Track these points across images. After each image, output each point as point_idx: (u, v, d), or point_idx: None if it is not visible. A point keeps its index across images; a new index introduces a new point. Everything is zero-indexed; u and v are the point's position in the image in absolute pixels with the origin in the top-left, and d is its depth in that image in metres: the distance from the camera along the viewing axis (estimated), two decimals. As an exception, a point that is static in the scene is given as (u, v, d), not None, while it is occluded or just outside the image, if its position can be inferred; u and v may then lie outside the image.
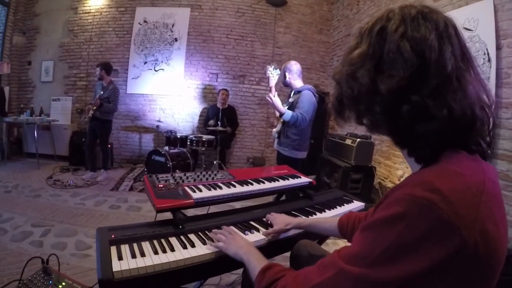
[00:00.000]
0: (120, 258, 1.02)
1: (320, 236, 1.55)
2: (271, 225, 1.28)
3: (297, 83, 2.78)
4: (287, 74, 2.76)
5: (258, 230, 1.28)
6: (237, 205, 2.28)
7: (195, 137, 4.53)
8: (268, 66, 2.68)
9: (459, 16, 2.64)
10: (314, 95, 2.68)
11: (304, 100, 2.62)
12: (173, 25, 5.36)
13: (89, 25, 5.71)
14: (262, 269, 0.83)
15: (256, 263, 0.90)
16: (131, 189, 4.22)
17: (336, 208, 1.62)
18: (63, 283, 1.12)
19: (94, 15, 5.70)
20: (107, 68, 4.40)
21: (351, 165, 3.46)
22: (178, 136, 4.70)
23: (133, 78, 5.47)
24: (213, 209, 1.63)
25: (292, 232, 1.27)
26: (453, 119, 0.54)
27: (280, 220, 1.26)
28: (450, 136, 0.56)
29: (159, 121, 5.09)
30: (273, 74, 2.64)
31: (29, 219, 3.18)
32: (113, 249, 1.07)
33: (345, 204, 1.67)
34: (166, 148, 4.49)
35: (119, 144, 5.64)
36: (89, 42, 5.68)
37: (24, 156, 5.84)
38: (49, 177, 4.62)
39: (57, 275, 1.17)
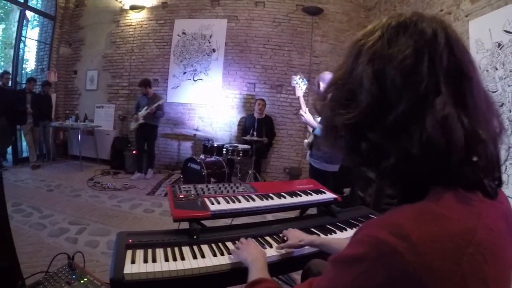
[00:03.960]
0: (133, 261, 1.09)
1: None
2: (287, 240, 1.27)
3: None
4: (321, 84, 2.67)
5: (271, 246, 1.27)
6: (269, 217, 2.29)
7: (230, 146, 4.57)
8: (293, 76, 2.62)
9: (499, 18, 2.48)
10: None
11: None
12: (210, 36, 5.49)
13: (130, 37, 5.99)
14: (253, 281, 0.85)
15: (255, 273, 0.91)
16: (166, 194, 4.28)
17: (358, 227, 1.54)
18: (85, 279, 1.17)
19: (135, 28, 5.97)
20: (145, 84, 4.89)
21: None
22: (215, 145, 4.77)
23: (172, 88, 5.65)
24: (243, 220, 1.65)
25: (307, 250, 1.25)
26: (413, 158, 0.44)
27: (294, 235, 1.24)
28: (427, 174, 0.46)
29: (197, 129, 5.19)
30: (300, 84, 2.58)
31: (67, 217, 3.33)
32: (129, 253, 1.14)
33: None
34: (202, 156, 4.56)
35: (158, 150, 5.78)
36: (131, 53, 5.95)
37: (69, 158, 6.20)
38: (90, 179, 4.84)
39: (81, 271, 1.22)
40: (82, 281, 1.16)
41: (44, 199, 3.90)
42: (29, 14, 6.47)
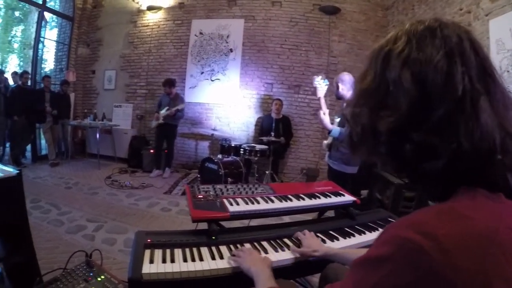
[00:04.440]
0: (151, 261, 1.09)
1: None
2: (300, 243, 1.26)
3: (350, 95, 2.67)
4: (340, 85, 2.64)
5: (289, 248, 1.26)
6: (286, 218, 2.27)
7: (248, 146, 4.55)
8: (315, 76, 2.57)
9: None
10: None
11: None
12: (228, 36, 5.49)
13: (148, 38, 6.04)
14: None
15: (263, 282, 0.92)
16: (184, 193, 4.26)
17: (377, 230, 1.51)
18: (102, 276, 1.17)
19: (153, 28, 6.02)
20: (169, 83, 4.92)
21: (405, 182, 3.14)
22: (232, 145, 4.77)
23: (190, 88, 5.67)
24: (260, 221, 1.63)
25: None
26: (464, 155, 0.45)
27: (308, 243, 1.23)
28: (463, 173, 0.47)
29: (214, 129, 5.20)
30: (321, 85, 2.52)
31: (85, 214, 3.36)
32: (147, 252, 1.15)
33: None
34: (220, 156, 4.55)
35: (176, 149, 5.78)
36: (148, 53, 6.00)
37: (87, 156, 6.28)
38: (108, 177, 4.89)
39: (98, 269, 1.22)
40: (99, 279, 1.16)
41: (62, 196, 3.95)
42: (47, 15, 6.59)
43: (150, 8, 5.97)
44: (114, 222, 3.21)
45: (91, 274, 1.19)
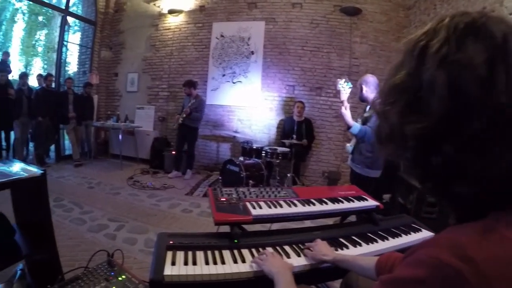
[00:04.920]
0: (173, 263, 1.10)
1: None
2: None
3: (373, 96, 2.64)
4: (364, 87, 2.63)
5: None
6: (308, 222, 2.21)
7: (270, 148, 4.54)
8: (338, 80, 2.56)
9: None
10: None
11: None
12: (249, 39, 5.51)
13: (169, 41, 6.12)
14: None
15: (283, 286, 0.93)
16: (205, 195, 4.30)
17: (400, 236, 1.47)
18: (123, 276, 1.17)
19: (174, 31, 6.09)
20: (190, 84, 4.98)
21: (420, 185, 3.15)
22: (254, 147, 4.76)
23: (212, 90, 5.71)
24: (281, 225, 1.64)
25: None
26: (500, 177, 0.41)
27: (318, 249, 1.21)
28: (498, 195, 0.43)
29: (236, 131, 5.23)
30: (345, 88, 2.51)
31: (107, 214, 3.40)
32: (169, 254, 1.15)
33: (411, 233, 1.51)
34: (241, 158, 4.54)
35: (197, 151, 5.82)
36: (170, 56, 6.08)
37: (109, 157, 6.41)
38: (130, 177, 4.95)
39: (120, 268, 1.22)
40: (120, 278, 1.16)
41: (84, 195, 4.02)
42: (70, 19, 6.77)
43: (171, 12, 6.05)
44: (135, 222, 3.23)
45: (112, 273, 1.20)
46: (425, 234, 1.52)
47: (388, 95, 0.51)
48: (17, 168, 1.60)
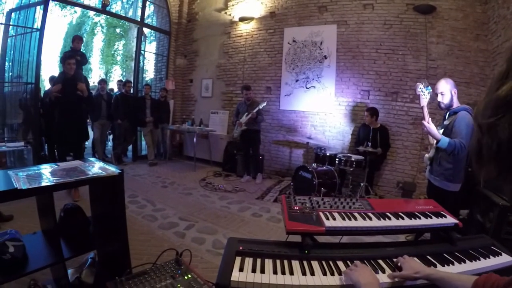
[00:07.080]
0: (241, 269, 1.09)
1: None
2: (400, 268, 1.15)
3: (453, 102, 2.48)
4: (453, 91, 2.48)
5: (384, 271, 1.17)
6: (379, 237, 2.12)
7: (343, 156, 4.43)
8: (418, 83, 2.43)
9: None
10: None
11: (461, 123, 2.29)
12: (321, 43, 5.48)
13: (242, 47, 6.36)
14: None
15: None
16: (276, 200, 4.33)
17: (479, 260, 1.32)
18: (189, 275, 1.17)
19: (246, 38, 6.31)
20: (248, 88, 5.14)
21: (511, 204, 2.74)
22: (327, 154, 4.68)
23: (285, 95, 5.80)
24: (353, 238, 1.56)
25: (420, 281, 1.10)
26: None
27: (409, 265, 1.12)
28: None
29: (309, 137, 5.20)
30: (424, 93, 2.38)
31: (178, 213, 3.53)
32: (238, 260, 1.15)
33: (490, 257, 1.36)
34: (314, 165, 4.50)
35: (270, 156, 5.97)
36: (243, 63, 6.32)
37: (183, 158, 6.85)
38: (202, 179, 5.20)
39: (186, 268, 1.23)
40: (186, 277, 1.17)
41: (158, 193, 4.25)
42: (145, 30, 7.36)
43: (242, 19, 6.28)
44: (205, 223, 3.31)
45: (179, 272, 1.21)
46: (505, 258, 1.38)
47: (495, 109, 0.44)
48: (96, 167, 1.75)
